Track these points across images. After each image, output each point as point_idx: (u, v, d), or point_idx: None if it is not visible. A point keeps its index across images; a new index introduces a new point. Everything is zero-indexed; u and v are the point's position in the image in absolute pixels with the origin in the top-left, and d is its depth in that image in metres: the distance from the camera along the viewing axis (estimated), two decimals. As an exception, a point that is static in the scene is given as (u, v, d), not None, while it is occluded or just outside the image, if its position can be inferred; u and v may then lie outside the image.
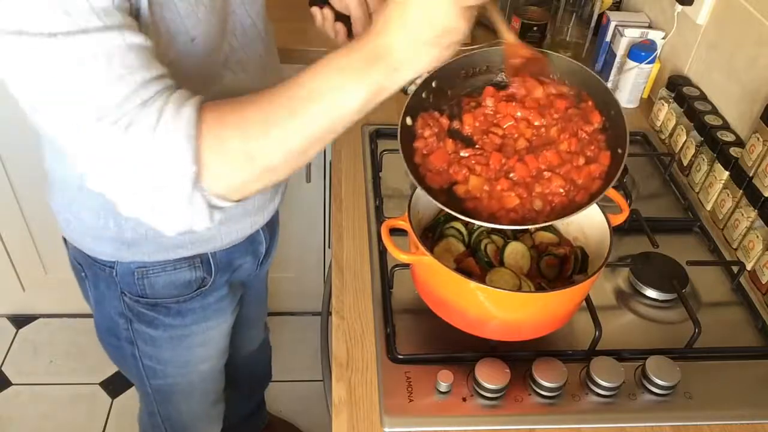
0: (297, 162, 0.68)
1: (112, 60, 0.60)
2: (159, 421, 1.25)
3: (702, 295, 1.02)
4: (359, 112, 0.67)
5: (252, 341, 1.47)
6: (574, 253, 0.91)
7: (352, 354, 0.90)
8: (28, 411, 1.88)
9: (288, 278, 1.97)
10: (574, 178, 0.79)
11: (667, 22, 1.39)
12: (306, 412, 1.88)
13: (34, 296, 2.04)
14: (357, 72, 0.64)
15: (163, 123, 0.62)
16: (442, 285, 0.84)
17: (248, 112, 0.65)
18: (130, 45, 0.61)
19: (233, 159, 0.65)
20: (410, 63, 0.65)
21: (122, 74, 0.60)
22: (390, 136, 1.29)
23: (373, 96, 0.66)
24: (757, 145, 1.05)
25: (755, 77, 1.13)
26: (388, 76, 0.65)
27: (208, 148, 0.63)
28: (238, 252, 1.04)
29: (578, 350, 0.90)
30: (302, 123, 0.65)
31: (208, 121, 0.64)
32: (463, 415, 0.83)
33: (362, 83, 0.65)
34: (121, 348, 1.07)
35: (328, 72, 0.65)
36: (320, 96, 0.65)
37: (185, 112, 0.63)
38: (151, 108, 0.62)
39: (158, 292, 0.98)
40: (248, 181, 0.67)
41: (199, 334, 1.07)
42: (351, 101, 0.65)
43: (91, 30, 0.58)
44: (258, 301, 1.37)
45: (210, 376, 1.20)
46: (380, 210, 1.10)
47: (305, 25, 1.53)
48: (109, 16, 0.60)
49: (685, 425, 0.84)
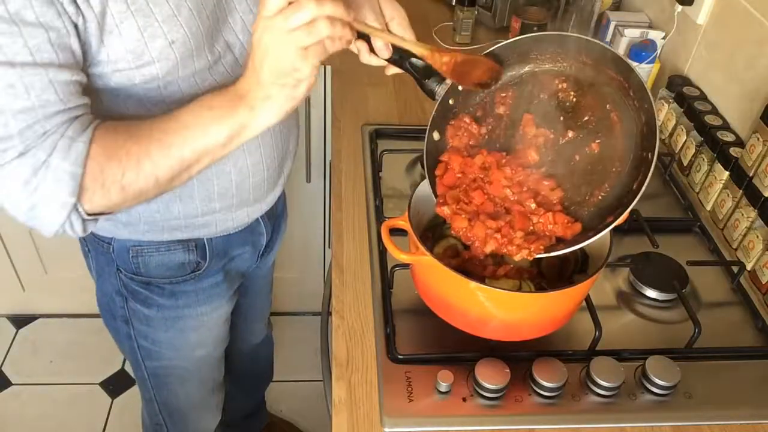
0: (166, 187, 0.76)
1: (29, 92, 0.66)
2: (156, 408, 1.25)
3: (702, 295, 1.02)
4: (224, 147, 0.74)
5: (255, 335, 1.47)
6: (574, 253, 0.91)
7: (352, 354, 0.90)
8: (28, 411, 1.88)
9: (288, 278, 1.97)
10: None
11: (667, 22, 1.39)
12: (306, 412, 1.88)
13: (34, 296, 2.04)
14: (222, 111, 0.72)
15: (55, 158, 0.69)
16: (442, 285, 0.84)
17: (129, 144, 0.73)
18: (53, 81, 0.67)
19: (108, 189, 0.73)
20: (264, 103, 0.71)
21: (33, 107, 0.67)
22: (390, 136, 1.29)
23: (236, 133, 0.73)
24: (757, 145, 1.05)
25: (755, 77, 1.13)
26: (248, 116, 0.71)
27: (89, 179, 0.71)
28: (236, 241, 1.05)
29: (578, 350, 0.90)
30: (170, 155, 0.73)
31: (93, 156, 0.71)
32: (463, 415, 0.83)
33: (226, 122, 0.72)
34: (118, 328, 1.10)
35: (200, 109, 0.73)
36: (188, 131, 0.73)
37: (76, 147, 0.70)
38: (47, 141, 0.68)
39: (152, 271, 1.00)
40: (119, 204, 0.75)
41: (192, 318, 1.08)
42: (215, 138, 0.73)
43: (17, 64, 0.64)
44: (261, 293, 1.37)
45: (206, 363, 1.20)
46: (380, 210, 1.10)
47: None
48: (40, 53, 0.66)
49: (685, 425, 0.84)
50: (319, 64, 0.68)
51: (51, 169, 0.69)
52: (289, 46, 0.65)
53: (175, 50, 0.76)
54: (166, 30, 0.74)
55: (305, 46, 0.65)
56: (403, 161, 1.23)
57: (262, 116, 0.71)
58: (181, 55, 0.77)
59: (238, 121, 0.71)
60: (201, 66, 0.81)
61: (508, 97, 0.88)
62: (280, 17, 0.64)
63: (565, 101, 0.86)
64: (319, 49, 0.67)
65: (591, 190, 0.83)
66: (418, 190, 0.91)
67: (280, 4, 0.64)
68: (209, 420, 1.34)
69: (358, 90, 1.40)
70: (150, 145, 0.72)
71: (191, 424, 1.31)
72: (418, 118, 1.35)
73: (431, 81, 0.86)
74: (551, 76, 0.86)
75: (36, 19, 0.64)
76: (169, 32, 0.74)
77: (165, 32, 0.74)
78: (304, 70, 0.67)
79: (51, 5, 0.65)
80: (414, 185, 0.92)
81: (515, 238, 0.81)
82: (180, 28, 0.75)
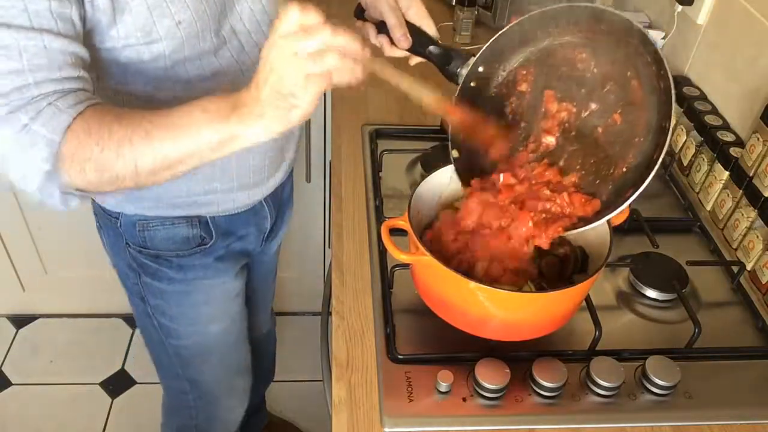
0: (146, 180, 0.74)
1: (22, 55, 0.67)
2: (186, 387, 1.27)
3: (702, 295, 1.02)
4: (212, 152, 0.72)
5: (259, 326, 1.48)
6: (574, 253, 0.91)
7: (352, 354, 0.90)
8: (28, 411, 1.88)
9: (288, 278, 1.97)
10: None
11: (667, 22, 1.38)
12: (306, 412, 1.88)
13: (34, 296, 2.04)
14: (217, 116, 0.70)
15: (36, 122, 0.69)
16: (442, 285, 0.84)
17: (113, 127, 0.72)
18: (47, 47, 0.68)
19: (83, 165, 0.72)
20: (255, 121, 0.68)
21: (23, 69, 0.68)
22: (390, 136, 1.29)
23: (225, 141, 0.70)
24: (757, 145, 1.05)
25: (755, 77, 1.13)
26: (240, 127, 0.69)
27: (66, 151, 0.70)
28: (240, 221, 1.07)
29: (578, 350, 0.90)
30: (153, 149, 0.71)
31: (75, 129, 0.71)
32: (463, 415, 0.83)
33: (217, 127, 0.70)
34: (136, 306, 1.14)
35: (194, 109, 0.71)
36: (177, 128, 0.71)
37: (60, 117, 0.70)
38: (32, 105, 0.69)
39: (158, 245, 1.03)
40: (96, 185, 0.74)
41: (201, 292, 1.11)
42: (203, 141, 0.70)
43: (13, 26, 0.66)
44: (265, 282, 1.39)
45: (224, 341, 1.23)
46: (380, 210, 1.10)
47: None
48: (39, 18, 0.67)
49: (685, 425, 0.84)
50: (319, 94, 0.65)
51: (30, 133, 0.69)
52: (292, 70, 0.64)
53: (181, 30, 0.79)
54: (173, 10, 0.78)
55: (310, 74, 0.64)
56: (403, 161, 1.23)
57: (253, 131, 0.70)
58: (186, 35, 0.80)
59: (229, 130, 0.70)
60: (206, 48, 0.84)
61: (529, 73, 0.89)
62: (291, 39, 0.63)
63: (586, 72, 0.86)
64: (323, 80, 0.64)
65: (615, 163, 0.83)
66: (418, 190, 0.91)
67: (293, 27, 0.63)
68: (236, 405, 1.36)
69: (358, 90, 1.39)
70: (135, 132, 0.72)
71: (221, 408, 1.32)
72: (418, 118, 1.35)
73: (453, 66, 0.86)
74: (570, 48, 0.86)
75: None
76: (176, 13, 0.78)
77: (173, 12, 0.78)
78: (301, 98, 0.65)
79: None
80: (414, 185, 0.92)
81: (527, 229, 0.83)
82: (187, 9, 0.79)
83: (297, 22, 0.63)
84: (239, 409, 1.37)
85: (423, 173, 1.18)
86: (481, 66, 0.87)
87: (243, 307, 1.23)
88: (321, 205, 1.82)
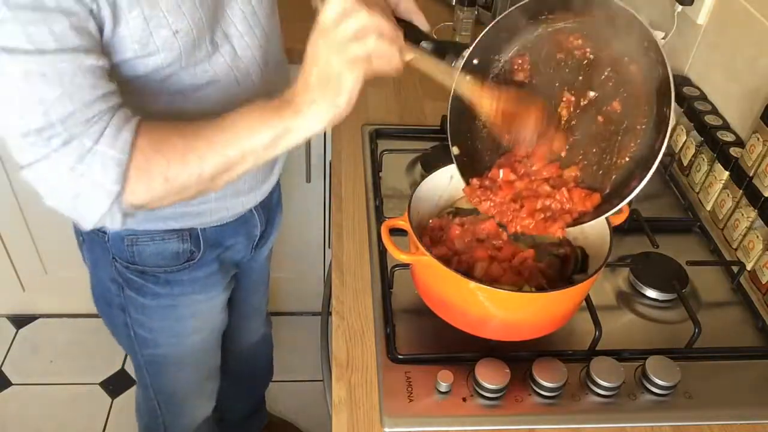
0: (206, 186, 0.77)
1: (62, 79, 0.67)
2: (152, 394, 1.25)
3: (702, 295, 1.02)
4: (268, 149, 0.75)
5: (252, 333, 1.47)
6: (574, 253, 0.91)
7: (352, 354, 0.90)
8: (28, 411, 1.88)
9: (288, 278, 1.97)
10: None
11: (667, 22, 1.38)
12: (306, 412, 1.88)
13: (34, 296, 2.04)
14: (271, 113, 0.73)
15: (101, 144, 0.70)
16: (442, 285, 0.84)
17: (174, 138, 0.74)
18: (81, 66, 0.68)
19: (152, 180, 0.73)
20: (309, 107, 0.72)
21: (69, 92, 0.67)
22: (390, 136, 1.29)
23: (280, 135, 0.74)
24: (757, 145, 1.05)
25: (755, 77, 1.13)
26: (293, 120, 0.73)
27: (134, 168, 0.72)
28: (229, 230, 1.05)
29: (578, 350, 0.90)
30: (216, 152, 0.74)
31: (140, 145, 0.72)
32: (463, 415, 0.83)
33: (272, 123, 0.73)
34: (113, 316, 1.10)
35: (250, 111, 0.74)
36: (235, 130, 0.74)
37: (123, 136, 0.71)
38: (93, 128, 0.69)
39: (146, 260, 1.00)
40: (161, 198, 0.76)
41: (188, 306, 1.09)
42: (260, 138, 0.74)
43: (47, 51, 0.65)
44: (257, 289, 1.37)
45: (201, 348, 1.21)
46: (380, 210, 1.10)
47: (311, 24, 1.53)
48: (65, 39, 0.66)
49: (685, 425, 0.84)
50: (362, 78, 0.70)
51: (98, 155, 0.70)
52: (338, 53, 0.68)
53: (178, 40, 0.77)
54: (170, 20, 0.75)
55: (353, 56, 0.68)
56: (403, 161, 1.23)
57: (306, 120, 0.72)
58: (184, 45, 0.79)
59: (283, 124, 0.73)
60: (201, 56, 0.82)
61: (524, 62, 0.88)
62: (333, 26, 0.68)
63: (582, 59, 0.85)
64: (366, 65, 0.69)
65: (618, 152, 0.83)
66: (418, 190, 0.91)
67: (336, 15, 0.67)
68: (204, 406, 1.34)
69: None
70: (196, 140, 0.74)
71: (187, 410, 1.32)
72: (418, 118, 1.35)
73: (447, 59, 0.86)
74: (564, 34, 0.85)
75: (56, 5, 0.65)
76: (173, 22, 0.76)
77: (170, 22, 0.76)
78: (347, 79, 0.69)
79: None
80: (414, 185, 0.92)
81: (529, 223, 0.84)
82: (183, 17, 0.77)
83: (340, 8, 0.67)
84: (207, 406, 1.35)
85: (423, 173, 1.18)
86: (476, 58, 0.86)
87: (226, 315, 1.21)
88: (321, 205, 1.81)
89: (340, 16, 0.67)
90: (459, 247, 0.89)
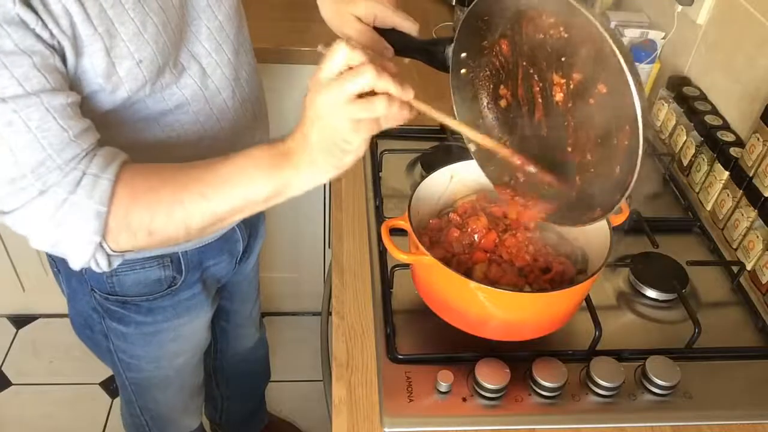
0: (196, 236, 0.74)
1: (29, 125, 0.63)
2: (137, 411, 1.25)
3: (702, 295, 1.02)
4: (264, 203, 0.71)
5: (246, 340, 1.46)
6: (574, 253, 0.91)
7: (352, 354, 0.90)
8: (28, 411, 1.88)
9: (288, 278, 1.97)
10: None
11: (667, 22, 1.38)
12: (306, 412, 1.88)
13: (34, 296, 2.04)
14: (269, 167, 0.69)
15: (77, 195, 0.67)
16: (442, 285, 0.84)
17: (160, 191, 0.70)
18: (49, 108, 0.64)
19: (135, 232, 0.70)
20: (309, 167, 0.67)
21: (37, 139, 0.63)
22: (390, 136, 1.29)
23: (279, 190, 0.70)
24: (757, 145, 1.05)
25: (755, 77, 1.13)
26: (293, 176, 0.68)
27: (114, 219, 0.69)
28: (210, 251, 1.04)
29: (578, 350, 0.90)
30: (205, 207, 0.70)
31: (120, 196, 0.69)
32: (463, 415, 0.83)
33: (271, 178, 0.69)
34: (97, 341, 1.08)
35: (245, 162, 0.70)
36: (230, 186, 0.69)
37: (101, 185, 0.68)
38: (68, 177, 0.66)
39: (128, 290, 0.98)
40: (146, 247, 0.73)
41: (171, 331, 1.07)
42: (258, 192, 0.70)
43: (8, 98, 0.61)
44: (246, 300, 1.36)
45: (186, 369, 1.20)
46: (380, 210, 1.10)
47: (304, 25, 1.53)
48: (29, 81, 0.62)
49: (685, 425, 0.84)
50: (369, 137, 0.65)
51: (75, 206, 0.67)
52: (342, 116, 0.62)
53: (143, 69, 0.74)
54: (132, 49, 0.72)
55: (359, 118, 0.63)
56: (403, 161, 1.23)
57: (305, 178, 0.69)
58: (149, 74, 0.75)
59: (283, 179, 0.69)
60: (167, 81, 0.79)
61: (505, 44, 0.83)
62: (337, 83, 0.61)
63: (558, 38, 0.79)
64: (373, 125, 0.64)
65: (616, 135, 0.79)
66: (418, 190, 0.91)
67: (340, 67, 0.61)
68: (191, 421, 1.34)
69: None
70: (183, 193, 0.70)
71: (172, 426, 1.31)
72: (417, 119, 1.35)
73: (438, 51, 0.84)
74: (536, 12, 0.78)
75: (15, 47, 0.61)
76: (136, 51, 0.72)
77: (132, 51, 0.72)
78: (354, 143, 0.64)
79: (26, 30, 0.61)
80: (414, 185, 0.92)
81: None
82: (147, 45, 0.73)
83: (344, 62, 0.61)
84: (194, 420, 1.35)
85: (423, 173, 1.18)
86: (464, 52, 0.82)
87: (209, 334, 1.19)
88: (321, 205, 1.81)
89: (344, 70, 0.61)
90: (457, 250, 0.89)
